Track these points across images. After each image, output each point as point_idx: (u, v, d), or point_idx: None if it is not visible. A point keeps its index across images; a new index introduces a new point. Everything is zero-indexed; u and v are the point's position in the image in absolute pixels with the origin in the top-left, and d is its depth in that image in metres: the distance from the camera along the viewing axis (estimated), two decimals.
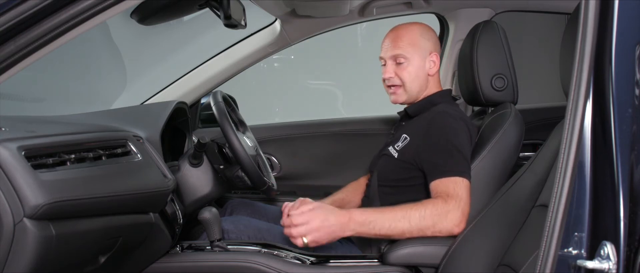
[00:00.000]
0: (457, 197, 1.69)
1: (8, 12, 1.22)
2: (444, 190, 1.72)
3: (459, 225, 1.68)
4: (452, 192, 1.70)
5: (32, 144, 1.27)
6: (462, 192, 1.70)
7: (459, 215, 1.68)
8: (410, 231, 1.68)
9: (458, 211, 1.68)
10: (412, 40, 1.95)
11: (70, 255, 1.35)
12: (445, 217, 1.67)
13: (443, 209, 1.67)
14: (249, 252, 1.78)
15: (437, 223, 1.67)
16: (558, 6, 2.37)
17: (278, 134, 2.74)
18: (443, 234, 1.68)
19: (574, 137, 1.04)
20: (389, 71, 1.96)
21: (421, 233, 1.68)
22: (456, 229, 1.67)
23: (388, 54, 1.96)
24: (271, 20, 2.52)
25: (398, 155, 1.89)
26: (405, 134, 1.92)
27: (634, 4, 1.07)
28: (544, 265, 1.04)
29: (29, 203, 1.19)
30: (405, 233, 1.69)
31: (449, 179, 1.72)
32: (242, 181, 2.01)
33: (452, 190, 1.71)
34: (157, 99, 2.57)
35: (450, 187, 1.71)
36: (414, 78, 1.95)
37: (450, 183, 1.72)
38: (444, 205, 1.68)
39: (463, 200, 1.69)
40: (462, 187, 1.71)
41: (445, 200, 1.69)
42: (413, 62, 1.94)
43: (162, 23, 1.78)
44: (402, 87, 1.96)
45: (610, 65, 1.05)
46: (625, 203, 1.01)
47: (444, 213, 1.67)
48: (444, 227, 1.67)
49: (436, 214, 1.67)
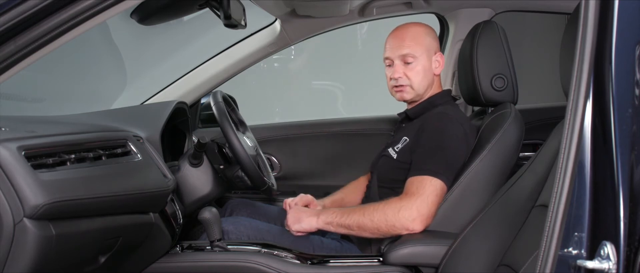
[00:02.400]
0: (416, 195, 1.70)
1: (8, 12, 1.22)
2: (408, 187, 1.74)
3: (413, 222, 1.69)
4: (413, 190, 1.72)
5: (32, 144, 1.27)
6: (425, 190, 1.71)
7: (412, 212, 1.69)
8: (364, 222, 1.73)
9: (411, 208, 1.69)
10: (419, 39, 1.94)
11: (70, 255, 1.35)
12: (397, 212, 1.69)
13: (395, 205, 1.71)
14: (249, 252, 1.78)
15: (389, 217, 1.70)
16: (558, 6, 2.37)
17: (278, 134, 2.74)
18: (397, 231, 1.71)
19: (574, 137, 1.04)
20: (397, 71, 1.93)
21: (374, 225, 1.72)
22: (410, 225, 1.69)
23: (396, 53, 1.94)
24: (271, 20, 2.52)
25: (397, 157, 1.89)
26: (405, 136, 1.92)
27: (634, 4, 1.07)
28: (544, 265, 1.04)
29: (29, 203, 1.19)
30: (361, 224, 1.74)
31: (416, 177, 1.74)
32: (242, 181, 2.01)
33: (414, 188, 1.72)
34: (157, 99, 2.57)
35: (414, 184, 1.73)
36: (422, 78, 1.94)
37: (415, 181, 1.73)
38: (398, 201, 1.72)
39: (422, 198, 1.70)
40: (428, 186, 1.71)
41: (402, 197, 1.72)
42: (421, 62, 1.93)
43: (162, 23, 1.78)
44: (409, 86, 1.95)
45: (610, 65, 1.05)
46: (625, 203, 1.01)
47: (396, 209, 1.70)
48: (397, 222, 1.69)
49: (388, 209, 1.71)
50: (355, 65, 4.40)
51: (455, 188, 1.76)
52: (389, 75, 1.97)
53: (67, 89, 3.68)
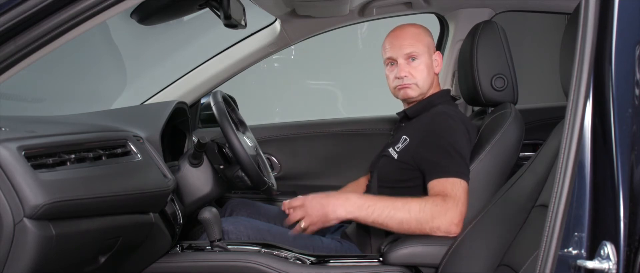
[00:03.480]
0: (456, 197, 1.69)
1: (8, 12, 1.22)
2: (441, 189, 1.72)
3: (457, 225, 1.68)
4: (450, 192, 1.70)
5: (32, 144, 1.27)
6: (460, 193, 1.70)
7: (457, 214, 1.68)
8: (408, 221, 1.68)
9: (456, 210, 1.68)
10: (420, 38, 1.95)
11: (70, 255, 1.35)
12: (444, 214, 1.67)
13: (442, 207, 1.68)
14: (249, 252, 1.78)
15: (435, 218, 1.67)
16: (558, 6, 2.37)
17: (278, 134, 2.74)
18: (441, 232, 1.68)
19: (574, 137, 1.04)
20: (403, 70, 1.93)
21: (419, 226, 1.68)
22: (453, 228, 1.68)
23: (400, 52, 1.94)
24: (271, 20, 2.52)
25: (398, 157, 1.89)
26: (405, 136, 1.92)
27: (634, 4, 1.07)
28: (544, 265, 1.04)
29: (29, 203, 1.19)
30: (403, 223, 1.68)
31: (447, 180, 1.72)
32: (242, 181, 2.01)
33: (450, 190, 1.71)
34: (157, 99, 2.57)
35: (448, 187, 1.71)
36: (426, 75, 1.95)
37: (448, 183, 1.72)
38: (443, 203, 1.69)
39: (461, 201, 1.69)
40: (460, 188, 1.71)
41: (444, 199, 1.69)
42: (424, 60, 1.94)
43: (162, 23, 1.78)
44: (415, 84, 1.95)
45: (610, 65, 1.05)
46: (625, 203, 1.01)
47: (444, 211, 1.67)
48: (442, 224, 1.67)
49: (436, 210, 1.68)
50: (356, 66, 4.40)
51: None
52: (392, 76, 1.97)
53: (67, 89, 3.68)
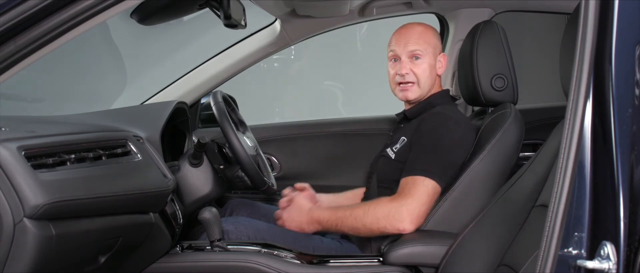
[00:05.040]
0: (408, 195, 1.70)
1: (8, 12, 1.22)
2: (402, 187, 1.74)
3: (403, 223, 1.69)
4: (405, 190, 1.72)
5: (32, 144, 1.27)
6: (417, 191, 1.71)
7: (402, 213, 1.69)
8: (356, 227, 1.76)
9: (401, 209, 1.69)
10: (427, 37, 1.95)
11: (70, 255, 1.35)
12: (387, 214, 1.70)
13: (386, 206, 1.71)
14: (249, 252, 1.78)
15: (380, 219, 1.71)
16: (558, 6, 2.37)
17: (278, 134, 2.73)
18: (389, 231, 1.71)
19: (574, 137, 1.04)
20: (405, 67, 1.93)
21: (368, 229, 1.73)
22: (401, 226, 1.69)
23: (404, 49, 1.93)
24: (271, 20, 2.52)
25: (395, 157, 1.89)
26: (403, 136, 1.92)
27: (634, 4, 1.07)
28: (544, 265, 1.04)
29: (29, 203, 1.19)
30: (356, 230, 1.77)
31: (410, 177, 1.74)
32: (242, 181, 2.01)
33: (407, 188, 1.72)
34: (157, 99, 2.57)
35: (408, 184, 1.73)
36: (428, 75, 1.94)
37: (409, 181, 1.73)
38: (389, 202, 1.72)
39: (412, 199, 1.70)
40: (420, 186, 1.71)
41: (394, 198, 1.72)
42: (427, 60, 1.94)
43: (162, 23, 1.78)
44: (415, 83, 1.94)
45: (610, 65, 1.05)
46: (625, 203, 1.01)
47: (386, 211, 1.70)
48: (389, 224, 1.70)
49: (379, 210, 1.71)
50: (355, 65, 4.40)
51: (455, 188, 1.76)
52: (393, 71, 1.96)
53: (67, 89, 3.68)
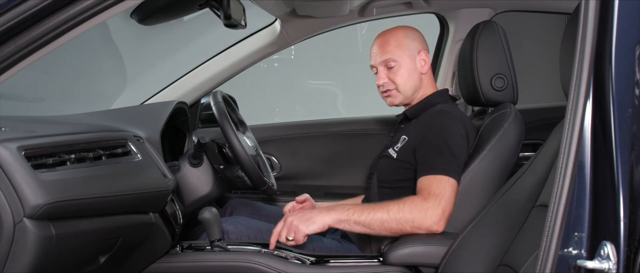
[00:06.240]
0: (439, 195, 1.69)
1: (8, 12, 1.23)
2: (426, 187, 1.73)
3: (438, 223, 1.68)
4: (434, 190, 1.71)
5: (32, 144, 1.27)
6: (446, 190, 1.70)
7: (438, 213, 1.68)
8: (388, 221, 1.69)
9: (437, 209, 1.68)
10: (398, 42, 1.96)
11: (70, 255, 1.35)
12: (424, 213, 1.68)
13: (422, 206, 1.69)
14: (249, 252, 1.78)
15: (415, 218, 1.68)
16: (558, 6, 2.37)
17: (278, 134, 2.74)
18: (422, 231, 1.69)
19: (574, 137, 1.04)
20: (382, 77, 1.97)
21: (399, 225, 1.69)
22: (435, 227, 1.68)
23: (378, 60, 1.97)
24: (271, 20, 2.52)
25: (397, 156, 1.90)
26: (404, 136, 1.92)
27: (634, 4, 1.07)
28: (544, 265, 1.04)
29: (29, 203, 1.19)
30: (384, 222, 1.69)
31: (433, 177, 1.73)
32: (242, 181, 2.01)
33: (434, 188, 1.71)
34: (157, 99, 2.57)
35: (433, 184, 1.72)
36: (407, 79, 1.96)
37: (434, 181, 1.72)
38: (423, 202, 1.69)
39: (444, 199, 1.69)
40: (446, 186, 1.71)
41: (425, 197, 1.70)
42: (403, 64, 1.95)
43: (162, 23, 1.78)
44: (395, 89, 1.97)
45: (610, 65, 1.05)
46: (625, 203, 1.01)
47: (423, 210, 1.68)
48: (423, 223, 1.68)
49: (415, 209, 1.68)
50: (356, 66, 4.40)
51: None
52: (377, 82, 2.00)
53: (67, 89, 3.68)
